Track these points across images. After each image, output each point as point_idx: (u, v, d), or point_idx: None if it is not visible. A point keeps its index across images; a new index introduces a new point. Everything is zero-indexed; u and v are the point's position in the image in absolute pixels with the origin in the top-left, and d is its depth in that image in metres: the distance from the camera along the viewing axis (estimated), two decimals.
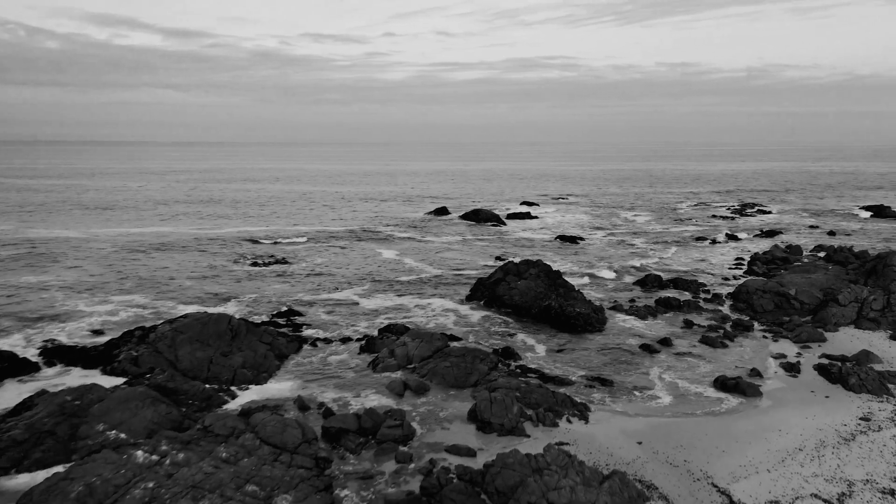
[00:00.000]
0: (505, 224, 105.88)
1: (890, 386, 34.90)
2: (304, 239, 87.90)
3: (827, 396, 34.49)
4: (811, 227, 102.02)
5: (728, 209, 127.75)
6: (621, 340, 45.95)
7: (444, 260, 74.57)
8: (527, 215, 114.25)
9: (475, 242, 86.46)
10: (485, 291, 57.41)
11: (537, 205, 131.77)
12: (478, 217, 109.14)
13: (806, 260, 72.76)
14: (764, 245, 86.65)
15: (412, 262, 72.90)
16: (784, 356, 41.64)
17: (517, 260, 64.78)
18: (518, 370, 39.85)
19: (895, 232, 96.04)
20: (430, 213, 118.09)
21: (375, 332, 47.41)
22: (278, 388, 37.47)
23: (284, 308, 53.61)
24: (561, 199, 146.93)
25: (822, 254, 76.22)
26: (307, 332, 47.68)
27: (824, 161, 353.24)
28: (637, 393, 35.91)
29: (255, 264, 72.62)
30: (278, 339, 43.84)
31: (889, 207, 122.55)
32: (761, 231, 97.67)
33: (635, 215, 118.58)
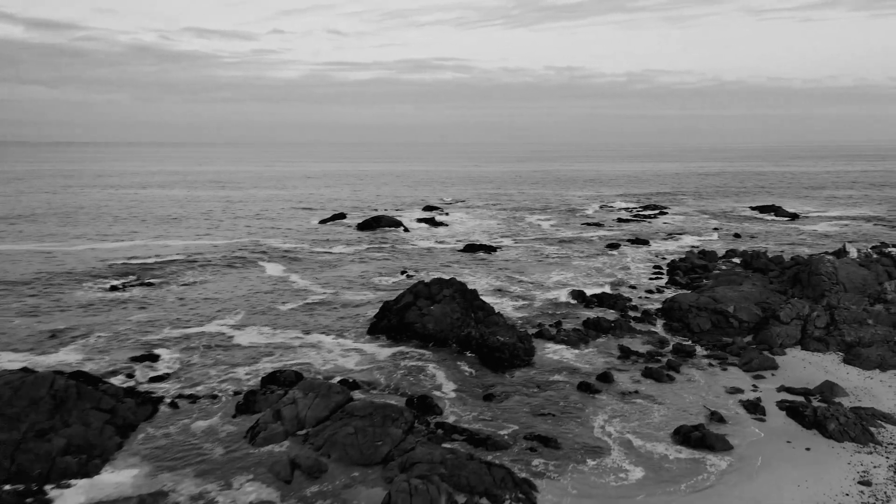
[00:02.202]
0: (409, 231, 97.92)
1: (872, 430, 29.94)
2: (176, 255, 75.57)
3: (808, 449, 28.99)
4: (715, 228, 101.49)
5: (630, 211, 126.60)
6: (555, 378, 39.09)
7: (342, 278, 65.37)
8: (431, 221, 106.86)
9: (377, 255, 77.76)
10: (392, 319, 48.99)
11: (442, 209, 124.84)
12: (379, 224, 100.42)
13: (724, 267, 69.90)
14: (673, 247, 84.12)
15: (304, 282, 63.14)
16: (740, 390, 36.30)
17: (428, 278, 56.95)
18: (441, 430, 31.81)
19: (795, 231, 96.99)
20: (325, 220, 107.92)
21: (257, 382, 37.86)
22: (115, 480, 27.35)
23: (139, 353, 42.62)
24: (465, 203, 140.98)
25: (736, 259, 73.90)
26: (166, 387, 37.31)
27: (707, 161, 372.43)
28: (589, 461, 28.80)
29: (113, 288, 60.37)
30: (123, 401, 33.34)
31: (780, 207, 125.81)
32: (668, 234, 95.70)
33: (541, 219, 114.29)
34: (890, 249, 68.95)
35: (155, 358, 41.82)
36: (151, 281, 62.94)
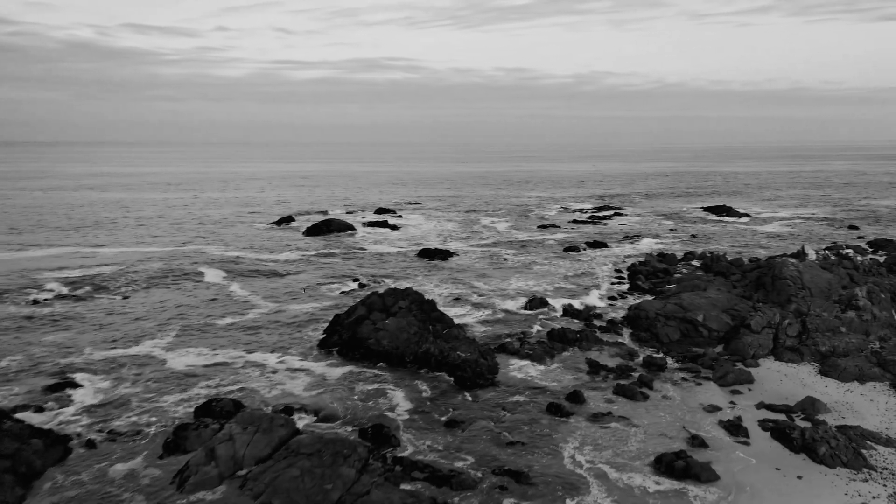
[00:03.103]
0: (361, 235, 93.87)
1: (864, 452, 27.93)
2: (106, 265, 69.67)
3: (800, 477, 26.73)
4: (671, 230, 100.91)
5: (584, 212, 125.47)
6: (521, 398, 36.10)
7: (289, 288, 61.02)
8: (384, 224, 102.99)
9: (327, 262, 73.52)
10: (344, 334, 45.21)
11: (394, 212, 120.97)
12: (329, 228, 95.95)
13: (685, 271, 68.52)
14: (631, 250, 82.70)
15: (247, 294, 58.56)
16: (718, 408, 34.02)
17: (382, 288, 53.37)
18: (399, 467, 28.30)
19: (748, 232, 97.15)
20: (271, 224, 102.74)
21: (189, 413, 33.58)
22: None
23: (53, 381, 37.62)
24: (418, 205, 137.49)
25: (696, 262, 72.74)
26: (84, 421, 32.66)
27: (655, 162, 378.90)
28: (567, 500, 25.82)
29: (35, 302, 54.70)
30: (29, 443, 28.66)
31: (731, 208, 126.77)
32: (626, 236, 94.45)
33: (496, 221, 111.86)
34: (847, 251, 68.86)
35: (72, 386, 36.95)
36: (76, 294, 57.34)
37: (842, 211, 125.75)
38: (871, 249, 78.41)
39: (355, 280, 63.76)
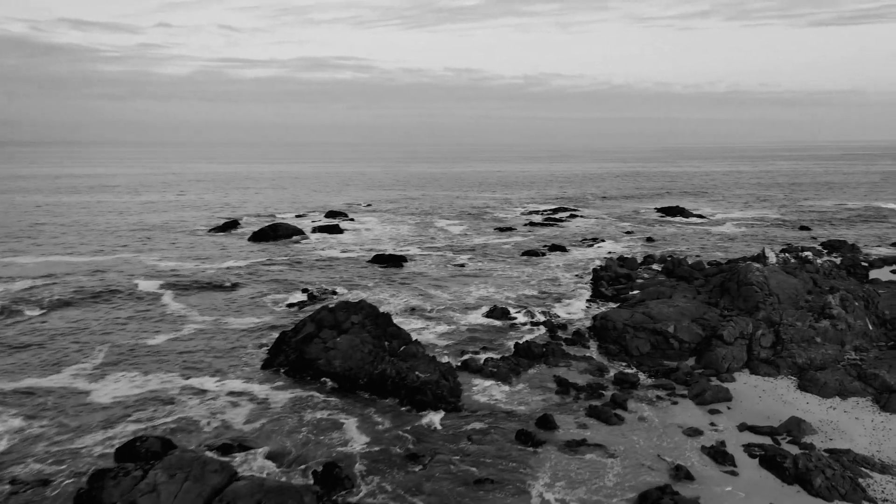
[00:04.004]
0: (310, 241, 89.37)
1: (861, 481, 25.81)
2: (24, 278, 63.39)
3: None
4: (627, 232, 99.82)
5: (541, 214, 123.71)
6: (487, 424, 32.96)
7: (231, 301, 56.43)
8: (335, 228, 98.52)
9: (274, 270, 68.93)
10: (290, 353, 41.27)
11: (345, 215, 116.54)
12: (276, 233, 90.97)
13: (646, 275, 66.81)
14: (591, 253, 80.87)
15: (182, 308, 53.71)
16: (699, 432, 31.61)
17: (333, 301, 49.56)
18: None
19: (704, 233, 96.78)
20: (214, 229, 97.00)
21: (109, 456, 29.17)
22: None
23: None
24: (370, 207, 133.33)
25: (657, 266, 71.23)
26: None
27: (605, 163, 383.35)
28: None
29: None
30: None
31: (684, 209, 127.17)
32: (584, 239, 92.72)
33: (450, 224, 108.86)
34: (805, 253, 68.44)
35: None
36: None
37: (790, 212, 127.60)
38: (825, 251, 78.57)
39: (304, 290, 59.56)
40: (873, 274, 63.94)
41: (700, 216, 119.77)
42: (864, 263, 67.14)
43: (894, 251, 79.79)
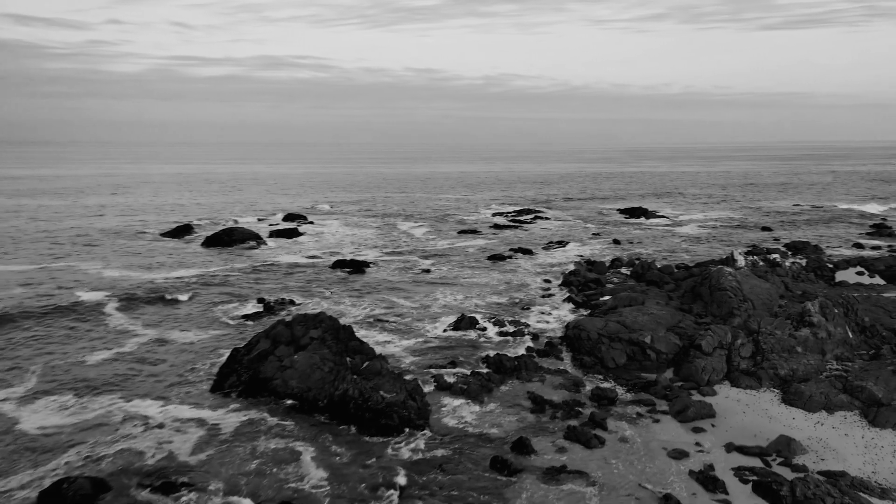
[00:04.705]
0: (266, 244, 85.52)
1: None
2: None
3: None
4: (594, 234, 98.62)
5: (505, 216, 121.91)
6: (458, 450, 30.43)
7: (180, 313, 52.62)
8: (294, 232, 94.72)
9: (228, 278, 65.08)
10: (243, 373, 38.01)
11: (304, 218, 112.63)
12: (231, 238, 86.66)
13: (616, 280, 65.27)
14: (559, 257, 79.23)
15: (126, 323, 49.71)
16: (685, 454, 29.68)
17: (291, 311, 46.36)
18: None
19: (668, 235, 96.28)
20: (164, 234, 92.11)
21: (31, 500, 25.65)
22: None
23: None
24: (330, 209, 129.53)
25: (625, 270, 69.85)
26: None
27: (565, 163, 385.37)
28: None
29: None
30: None
31: (647, 210, 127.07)
32: (550, 242, 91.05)
33: (413, 227, 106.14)
34: (773, 256, 67.94)
35: None
36: None
37: (750, 212, 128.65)
38: (789, 252, 78.56)
39: (260, 300, 56.05)
40: (839, 276, 63.68)
41: (663, 217, 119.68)
42: (829, 265, 66.98)
43: (856, 252, 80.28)
